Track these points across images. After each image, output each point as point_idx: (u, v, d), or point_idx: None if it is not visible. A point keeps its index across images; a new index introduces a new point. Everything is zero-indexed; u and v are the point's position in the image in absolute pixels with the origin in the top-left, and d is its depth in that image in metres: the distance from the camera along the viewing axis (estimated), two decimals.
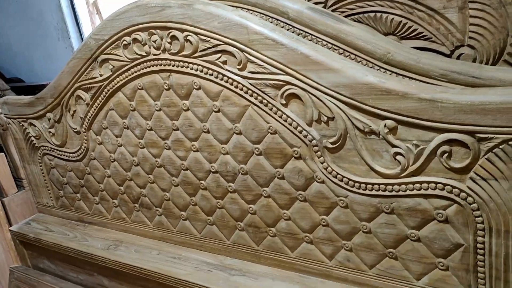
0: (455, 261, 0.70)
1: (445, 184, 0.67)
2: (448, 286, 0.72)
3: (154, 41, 0.90)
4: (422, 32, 0.88)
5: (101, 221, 1.25)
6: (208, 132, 0.91)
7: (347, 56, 0.83)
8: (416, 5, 0.85)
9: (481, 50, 0.83)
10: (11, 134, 1.36)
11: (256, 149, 0.85)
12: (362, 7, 0.91)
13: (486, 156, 0.62)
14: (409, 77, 0.78)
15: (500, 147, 0.60)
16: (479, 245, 0.67)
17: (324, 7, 0.94)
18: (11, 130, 1.34)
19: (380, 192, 0.73)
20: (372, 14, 0.90)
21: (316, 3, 0.94)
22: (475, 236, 0.67)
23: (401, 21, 0.88)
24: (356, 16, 0.93)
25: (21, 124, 1.30)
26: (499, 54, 0.82)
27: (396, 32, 0.90)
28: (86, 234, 1.25)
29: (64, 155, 1.23)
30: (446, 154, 0.65)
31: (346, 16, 0.93)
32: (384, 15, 0.89)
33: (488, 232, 0.65)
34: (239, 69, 0.81)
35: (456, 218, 0.68)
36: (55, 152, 1.25)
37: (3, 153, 1.83)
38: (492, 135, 0.61)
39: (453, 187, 0.66)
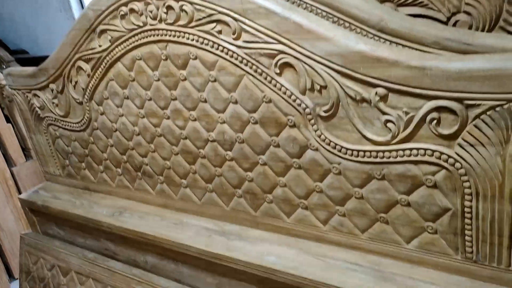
0: (443, 225, 0.72)
1: (434, 151, 0.68)
2: (437, 248, 0.75)
3: (151, 11, 0.91)
4: None
5: (106, 189, 1.29)
6: (205, 101, 0.92)
7: (342, 24, 0.83)
8: None
9: (478, 16, 0.83)
10: (17, 105, 1.39)
11: (252, 118, 0.87)
12: None
13: (473, 123, 0.63)
14: (403, 45, 0.78)
15: (487, 113, 0.61)
16: (466, 209, 0.69)
17: None
18: (16, 101, 1.37)
19: (372, 159, 0.75)
20: None
21: None
22: (462, 200, 0.69)
23: None
24: None
25: (25, 95, 1.32)
26: (495, 21, 0.81)
27: None
28: (92, 201, 1.29)
29: (68, 125, 1.26)
30: (435, 121, 0.66)
31: None
32: None
33: (475, 197, 0.67)
34: (234, 39, 0.82)
35: (444, 183, 0.69)
36: (59, 123, 1.28)
37: (10, 124, 1.87)
38: (479, 102, 0.61)
39: (442, 153, 0.67)
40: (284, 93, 0.80)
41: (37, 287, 1.46)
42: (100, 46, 1.04)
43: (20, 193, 1.85)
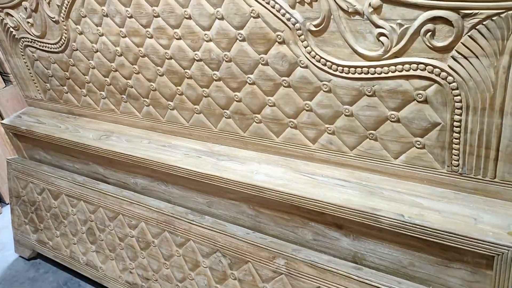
0: (432, 139, 0.73)
1: (426, 64, 0.66)
2: (424, 163, 0.76)
3: None
4: None
5: (91, 113, 1.26)
6: (189, 18, 0.88)
7: None
8: None
9: None
10: None
11: (239, 34, 0.83)
12: None
13: (469, 34, 0.61)
14: None
15: (484, 23, 0.59)
16: (455, 123, 0.69)
17: None
18: None
19: (363, 75, 0.73)
20: None
21: None
22: (452, 114, 0.68)
23: None
24: None
25: None
26: None
27: None
28: (77, 125, 1.27)
29: (45, 47, 1.20)
30: (430, 33, 0.64)
31: None
32: None
33: (465, 110, 0.67)
34: None
35: (435, 98, 0.69)
36: (37, 44, 1.22)
37: None
38: (476, 11, 0.59)
39: (434, 66, 0.66)
40: (273, 7, 0.76)
41: (29, 210, 1.48)
42: None
43: (2, 118, 1.81)
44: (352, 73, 0.74)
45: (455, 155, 0.71)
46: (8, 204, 1.97)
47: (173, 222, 1.09)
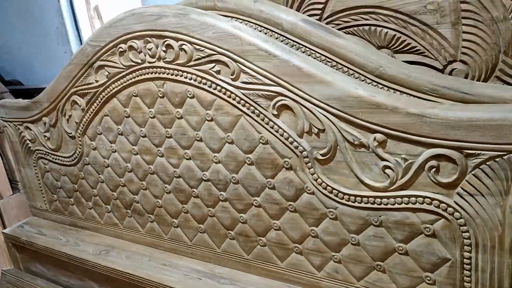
0: (442, 276, 0.70)
1: (432, 199, 0.67)
2: None
3: (150, 49, 0.91)
4: (415, 47, 0.88)
5: (94, 226, 1.25)
6: (200, 140, 0.91)
7: (340, 68, 0.83)
8: (410, 19, 0.86)
9: (474, 65, 0.84)
10: (7, 137, 1.36)
11: (248, 158, 0.86)
12: (356, 20, 0.92)
13: (473, 172, 0.62)
14: (400, 91, 0.78)
15: (487, 163, 0.61)
16: (465, 260, 0.67)
17: (320, 19, 0.95)
18: (7, 133, 1.35)
19: (369, 205, 0.74)
20: (366, 27, 0.91)
21: (311, 15, 0.95)
22: (462, 251, 0.67)
23: (395, 35, 0.89)
24: (350, 29, 0.94)
25: (17, 128, 1.30)
26: (491, 70, 0.83)
27: (390, 45, 0.91)
28: (78, 238, 1.25)
29: (58, 160, 1.24)
30: (434, 169, 0.65)
31: (340, 29, 0.94)
32: (379, 29, 0.90)
33: (474, 248, 0.66)
34: (232, 79, 0.82)
35: (443, 233, 0.68)
36: (50, 156, 1.26)
37: None
38: (479, 152, 0.61)
39: (441, 201, 0.66)
40: (282, 135, 0.80)
41: None
42: (96, 81, 1.04)
43: (5, 227, 1.80)
44: (359, 202, 0.75)
45: None
46: None
47: None
